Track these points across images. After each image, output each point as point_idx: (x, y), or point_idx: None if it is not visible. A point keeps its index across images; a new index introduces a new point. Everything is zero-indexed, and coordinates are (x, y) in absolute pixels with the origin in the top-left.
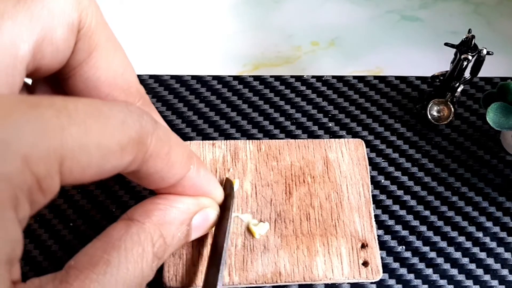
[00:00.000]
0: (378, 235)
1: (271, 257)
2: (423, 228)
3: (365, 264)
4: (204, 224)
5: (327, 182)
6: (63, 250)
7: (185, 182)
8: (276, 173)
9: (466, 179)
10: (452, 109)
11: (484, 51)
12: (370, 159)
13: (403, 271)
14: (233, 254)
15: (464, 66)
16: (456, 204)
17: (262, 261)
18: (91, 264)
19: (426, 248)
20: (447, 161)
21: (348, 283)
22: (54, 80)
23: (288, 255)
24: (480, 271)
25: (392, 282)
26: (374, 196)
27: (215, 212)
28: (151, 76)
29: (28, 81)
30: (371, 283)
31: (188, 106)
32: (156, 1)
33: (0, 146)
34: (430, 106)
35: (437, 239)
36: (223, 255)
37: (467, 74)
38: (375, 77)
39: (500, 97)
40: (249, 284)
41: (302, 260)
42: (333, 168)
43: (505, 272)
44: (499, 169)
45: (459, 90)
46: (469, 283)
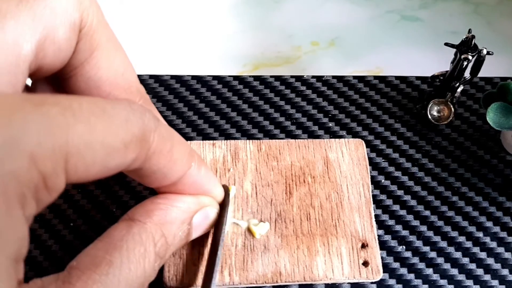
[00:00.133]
0: (378, 235)
1: (271, 257)
2: (423, 228)
3: (365, 264)
4: (204, 223)
5: (327, 182)
6: (64, 250)
7: (186, 179)
8: (276, 173)
9: (466, 179)
10: (452, 109)
11: (484, 51)
12: (370, 159)
13: (403, 271)
14: (233, 254)
15: (464, 66)
16: (456, 204)
17: (263, 261)
18: (94, 265)
19: (426, 248)
20: (447, 161)
21: (348, 283)
22: (54, 80)
23: (288, 255)
24: (480, 271)
25: (392, 282)
26: (374, 196)
27: (215, 211)
28: (151, 76)
29: (28, 82)
30: (372, 283)
31: (188, 106)
32: (156, 1)
33: (8, 144)
34: (430, 106)
35: (437, 239)
36: (216, 262)
37: (467, 74)
38: (375, 77)
39: (500, 97)
40: (249, 284)
41: (303, 260)
42: (333, 168)
43: (505, 272)
44: (499, 169)
45: (459, 90)
46: (469, 283)
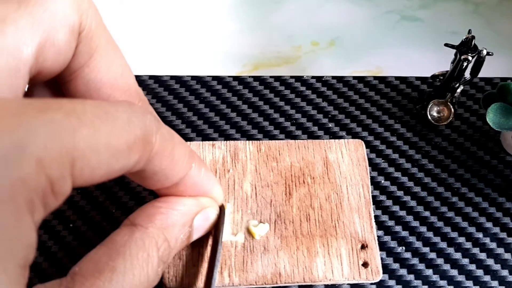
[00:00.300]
0: (378, 236)
1: (271, 258)
2: (423, 228)
3: (365, 265)
4: (205, 224)
5: (327, 183)
6: (63, 251)
7: (186, 180)
8: (276, 173)
9: (466, 180)
10: (452, 109)
11: (484, 52)
12: (370, 160)
13: (403, 272)
14: (233, 255)
15: (464, 67)
16: (456, 204)
17: (262, 262)
18: (97, 271)
19: (426, 249)
20: (447, 161)
21: (348, 284)
22: (53, 84)
23: (288, 256)
24: (480, 272)
25: (392, 283)
26: (374, 197)
27: (215, 212)
28: (151, 77)
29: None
30: (371, 284)
31: (188, 106)
32: (156, 1)
33: (15, 150)
34: (430, 107)
35: (437, 239)
36: (212, 281)
37: (467, 75)
38: (375, 77)
39: (500, 97)
40: (249, 285)
41: (302, 261)
42: (333, 169)
43: (505, 272)
44: (499, 169)
45: (459, 90)
46: (469, 283)
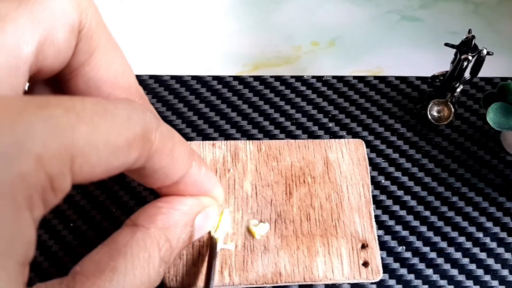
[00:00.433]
0: (378, 236)
1: (271, 257)
2: (423, 228)
3: (365, 264)
4: (206, 224)
5: (327, 183)
6: (64, 250)
7: (187, 179)
8: (276, 173)
9: (467, 180)
10: (452, 109)
11: (484, 51)
12: (370, 160)
13: (403, 271)
14: (233, 255)
15: (464, 66)
16: (457, 204)
17: (262, 261)
18: (98, 271)
19: (427, 249)
20: (447, 161)
21: (348, 284)
22: (52, 82)
23: (288, 255)
24: (480, 272)
25: (392, 282)
26: (374, 197)
27: (216, 210)
28: (151, 76)
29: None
30: (371, 283)
31: (188, 106)
32: (156, 1)
33: (14, 147)
34: (430, 106)
35: (437, 239)
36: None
37: (467, 74)
38: (375, 77)
39: (500, 97)
40: (249, 284)
41: (302, 261)
42: (333, 169)
43: (505, 272)
44: (500, 169)
45: (459, 90)
46: (469, 283)
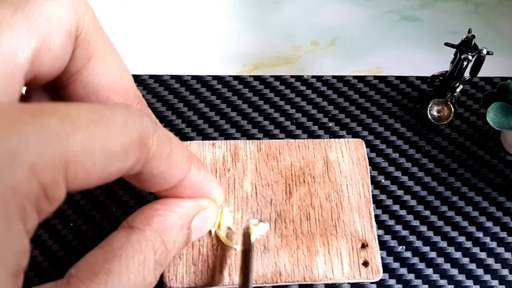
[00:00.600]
0: (378, 235)
1: (271, 257)
2: (423, 228)
3: (365, 264)
4: (203, 226)
5: (327, 182)
6: (63, 250)
7: (185, 182)
8: (276, 173)
9: (466, 179)
10: (452, 109)
11: (484, 51)
12: (370, 159)
13: (403, 271)
14: (233, 254)
15: (464, 66)
16: (456, 204)
17: (262, 261)
18: (92, 274)
19: (426, 248)
20: (447, 161)
21: (348, 283)
22: (51, 87)
23: (288, 255)
24: (480, 271)
25: (392, 282)
26: (374, 196)
27: (214, 212)
28: (151, 76)
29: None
30: (371, 283)
31: (188, 106)
32: (156, 1)
33: (7, 157)
34: (430, 106)
35: (437, 239)
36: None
37: (467, 74)
38: (375, 77)
39: (500, 97)
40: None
41: (302, 260)
42: (333, 168)
43: (505, 272)
44: (499, 169)
45: (459, 90)
46: (469, 283)
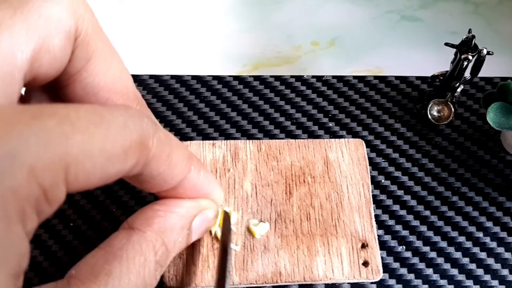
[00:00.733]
0: (378, 235)
1: (271, 257)
2: (423, 228)
3: (365, 264)
4: (203, 226)
5: (327, 182)
6: (63, 250)
7: (186, 183)
8: (276, 173)
9: (466, 179)
10: (452, 109)
11: (484, 51)
12: (370, 159)
13: (403, 271)
14: (233, 254)
15: (464, 66)
16: (456, 204)
17: (262, 261)
18: (93, 275)
19: (426, 248)
20: (447, 161)
21: (348, 283)
22: (50, 88)
23: (288, 255)
24: (480, 271)
25: (392, 282)
26: (374, 196)
27: (214, 212)
28: (151, 76)
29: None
30: (371, 283)
31: (188, 106)
32: (155, 1)
33: (6, 159)
34: (430, 106)
35: (437, 239)
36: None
37: (467, 74)
38: (375, 77)
39: (500, 97)
40: (249, 284)
41: (302, 260)
42: (333, 168)
43: (505, 272)
44: (499, 169)
45: (459, 90)
46: (469, 283)
